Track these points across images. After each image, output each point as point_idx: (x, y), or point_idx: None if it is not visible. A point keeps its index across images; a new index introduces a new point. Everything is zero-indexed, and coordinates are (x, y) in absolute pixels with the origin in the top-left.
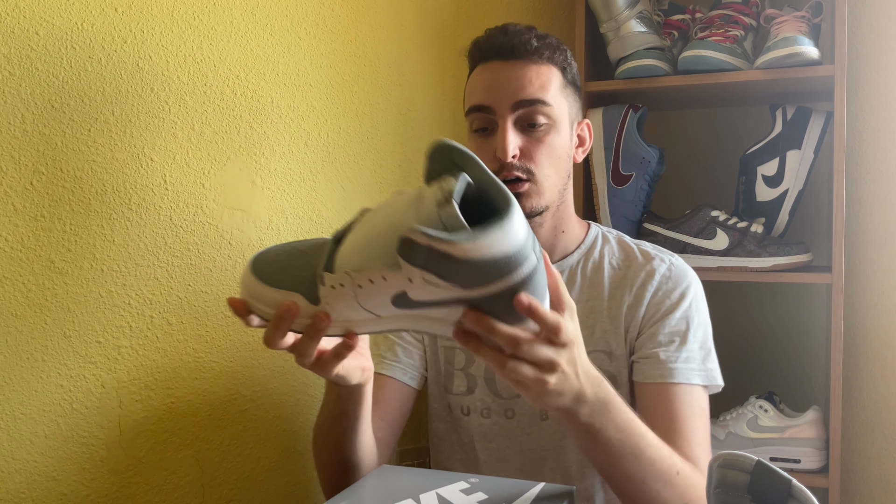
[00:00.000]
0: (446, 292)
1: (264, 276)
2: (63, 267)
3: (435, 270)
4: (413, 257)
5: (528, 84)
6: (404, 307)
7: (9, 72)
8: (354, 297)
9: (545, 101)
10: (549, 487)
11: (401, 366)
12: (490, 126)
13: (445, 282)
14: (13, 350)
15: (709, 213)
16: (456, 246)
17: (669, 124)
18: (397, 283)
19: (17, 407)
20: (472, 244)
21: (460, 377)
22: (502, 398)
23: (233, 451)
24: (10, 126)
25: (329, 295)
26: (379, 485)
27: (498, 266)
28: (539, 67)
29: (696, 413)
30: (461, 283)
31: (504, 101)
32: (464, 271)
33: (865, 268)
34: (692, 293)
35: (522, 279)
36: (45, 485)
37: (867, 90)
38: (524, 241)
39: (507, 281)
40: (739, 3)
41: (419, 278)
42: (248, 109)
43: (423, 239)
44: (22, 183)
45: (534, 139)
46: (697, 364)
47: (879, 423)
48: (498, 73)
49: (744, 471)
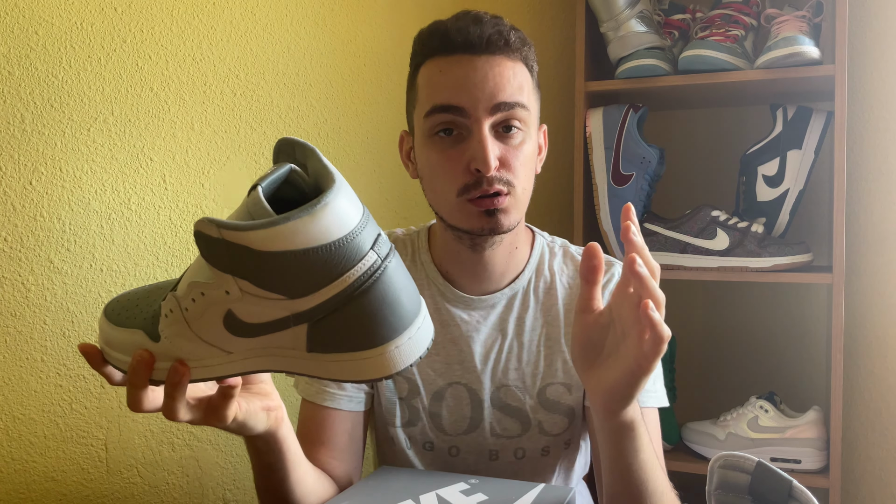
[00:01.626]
0: (273, 306)
1: (113, 316)
2: (62, 267)
3: (246, 274)
4: (216, 258)
5: (507, 84)
6: (242, 334)
7: (8, 71)
8: (187, 326)
9: (524, 105)
10: (548, 489)
11: (343, 393)
12: (458, 130)
13: (264, 290)
14: (13, 350)
15: (709, 213)
16: (250, 235)
17: (670, 124)
18: (217, 297)
19: (17, 407)
20: (270, 231)
21: (402, 407)
22: (447, 434)
23: (233, 451)
24: (10, 126)
25: (166, 327)
26: (379, 485)
27: (319, 262)
28: (514, 65)
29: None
30: (282, 291)
31: (481, 103)
32: (277, 272)
33: (865, 268)
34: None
35: (362, 281)
36: (45, 485)
37: (868, 90)
38: (354, 232)
39: (339, 284)
40: (740, 3)
41: (235, 288)
42: (248, 109)
43: (212, 229)
44: (21, 182)
45: (511, 147)
46: (650, 385)
47: (880, 423)
48: (471, 69)
49: (744, 471)
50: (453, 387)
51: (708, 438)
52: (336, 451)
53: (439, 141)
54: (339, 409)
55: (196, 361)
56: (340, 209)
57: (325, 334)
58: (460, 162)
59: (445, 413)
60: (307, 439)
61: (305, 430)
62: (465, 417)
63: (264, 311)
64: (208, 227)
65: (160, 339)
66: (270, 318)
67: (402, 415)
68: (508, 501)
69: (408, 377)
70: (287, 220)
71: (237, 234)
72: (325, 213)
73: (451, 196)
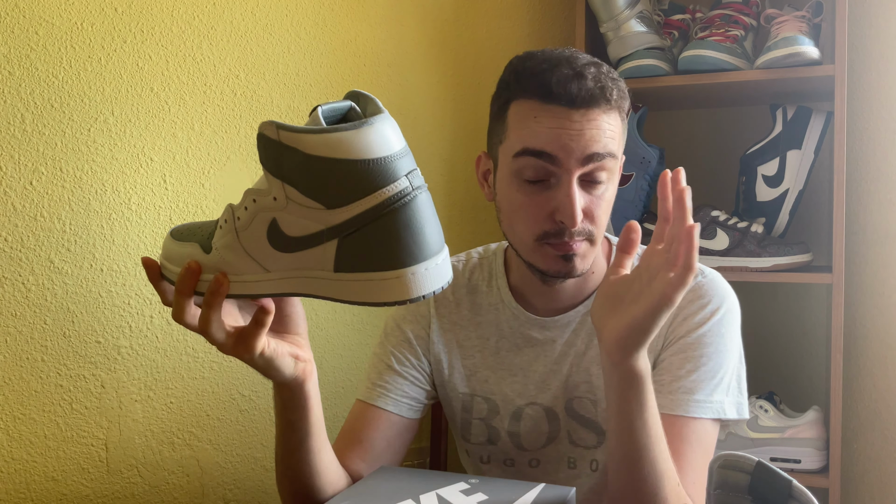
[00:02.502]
0: (312, 215)
1: (177, 233)
2: (63, 267)
3: (294, 180)
4: (272, 162)
5: (601, 136)
6: (281, 248)
7: (9, 71)
8: (237, 237)
9: (614, 154)
10: (548, 488)
11: (392, 395)
12: (547, 177)
13: (306, 196)
14: (13, 350)
15: (709, 213)
16: (305, 137)
17: (670, 124)
18: (266, 203)
19: (17, 407)
20: (322, 137)
21: (479, 427)
22: (526, 450)
23: (233, 451)
24: (10, 126)
25: (218, 238)
26: (379, 485)
27: (358, 174)
28: (609, 117)
29: (694, 449)
30: (322, 199)
31: (575, 154)
32: (321, 178)
33: (865, 268)
34: (718, 316)
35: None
36: (45, 485)
37: (867, 90)
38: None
39: (372, 199)
40: (740, 3)
41: (283, 194)
42: (248, 109)
43: (272, 130)
44: (21, 183)
45: (596, 197)
46: (704, 395)
47: (879, 423)
48: (567, 121)
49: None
50: (530, 406)
51: None
52: (368, 454)
53: (526, 185)
54: (389, 412)
55: (236, 276)
56: (384, 133)
57: (352, 250)
58: (544, 209)
59: (524, 432)
60: (345, 436)
61: (348, 426)
62: (542, 433)
63: (303, 221)
64: (269, 128)
65: (211, 250)
66: (307, 231)
67: (480, 433)
68: (508, 501)
69: (487, 398)
70: (336, 131)
71: (293, 135)
72: (370, 131)
73: (529, 238)
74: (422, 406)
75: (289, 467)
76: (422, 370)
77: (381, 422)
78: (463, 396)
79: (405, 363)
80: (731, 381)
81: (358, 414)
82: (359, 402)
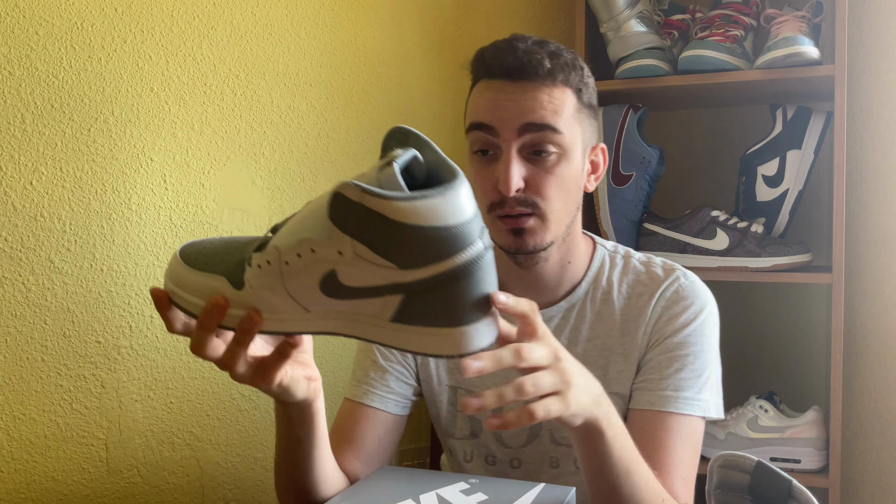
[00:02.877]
0: (379, 273)
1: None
2: (63, 267)
3: (368, 239)
4: (344, 219)
5: (538, 107)
6: (333, 295)
7: (9, 72)
8: (280, 280)
9: (556, 128)
10: (548, 488)
11: (378, 392)
12: (492, 150)
13: (378, 255)
14: (13, 350)
15: (709, 213)
16: (391, 204)
17: (669, 124)
18: (327, 256)
19: (17, 407)
20: (408, 204)
21: (463, 420)
22: (508, 447)
23: (233, 451)
24: (10, 126)
25: (254, 277)
26: (379, 485)
27: (438, 240)
28: (552, 90)
29: (684, 444)
30: (396, 260)
31: (509, 123)
32: (399, 242)
33: (865, 268)
34: (701, 318)
35: (466, 265)
36: (45, 485)
37: (867, 90)
38: (469, 220)
39: (448, 263)
40: (739, 3)
41: (350, 250)
42: (248, 109)
43: (354, 193)
44: (21, 183)
45: (541, 169)
46: (692, 393)
47: (879, 423)
48: (504, 93)
49: (744, 471)
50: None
51: (708, 438)
52: (361, 452)
53: (477, 159)
54: (378, 409)
55: (271, 314)
56: (464, 196)
57: (418, 306)
58: (490, 179)
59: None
60: (336, 436)
61: (338, 426)
62: (523, 429)
63: (368, 276)
64: (351, 190)
65: (243, 286)
66: (370, 283)
67: (463, 427)
68: (508, 501)
69: (469, 390)
70: (425, 198)
71: (378, 201)
72: (455, 196)
73: (484, 211)
74: (409, 403)
75: (293, 479)
76: (406, 365)
77: (370, 419)
78: (448, 389)
79: (390, 358)
80: (715, 381)
81: (347, 413)
82: (346, 400)
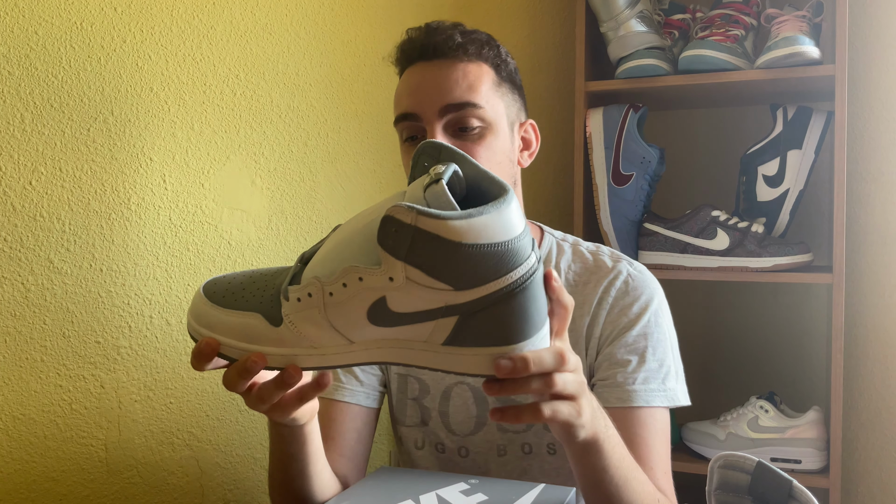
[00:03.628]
0: (433, 296)
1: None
2: (62, 267)
3: (421, 262)
4: (396, 244)
5: (454, 86)
6: (381, 323)
7: (8, 71)
8: (323, 313)
9: (475, 104)
10: (548, 488)
11: (347, 386)
12: (419, 134)
13: (433, 278)
14: (12, 350)
15: (709, 213)
16: (447, 224)
17: (670, 124)
18: (376, 283)
19: (17, 407)
20: (465, 222)
21: (412, 407)
22: (456, 435)
23: (233, 451)
24: (10, 126)
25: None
26: (379, 485)
27: (495, 258)
28: (466, 66)
29: (659, 437)
30: (452, 282)
31: (429, 107)
32: (455, 262)
33: (865, 268)
34: (653, 307)
35: (521, 280)
36: (45, 485)
37: (867, 90)
38: (522, 235)
39: (504, 280)
40: (740, 3)
41: (402, 275)
42: (248, 109)
43: (408, 216)
44: (21, 182)
45: (469, 143)
46: (657, 384)
47: (879, 423)
48: (422, 77)
49: (744, 471)
50: (458, 386)
51: (708, 438)
52: (343, 449)
53: (408, 147)
54: (352, 404)
55: (312, 349)
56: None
57: (473, 327)
58: None
59: (452, 412)
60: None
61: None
62: (471, 417)
63: (420, 300)
64: (405, 213)
65: (281, 322)
66: (422, 308)
67: (413, 414)
68: (508, 501)
69: (418, 377)
70: (481, 214)
71: (434, 222)
72: (508, 211)
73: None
74: (377, 394)
75: (289, 491)
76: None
77: (345, 415)
78: (398, 378)
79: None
80: (675, 368)
81: (322, 413)
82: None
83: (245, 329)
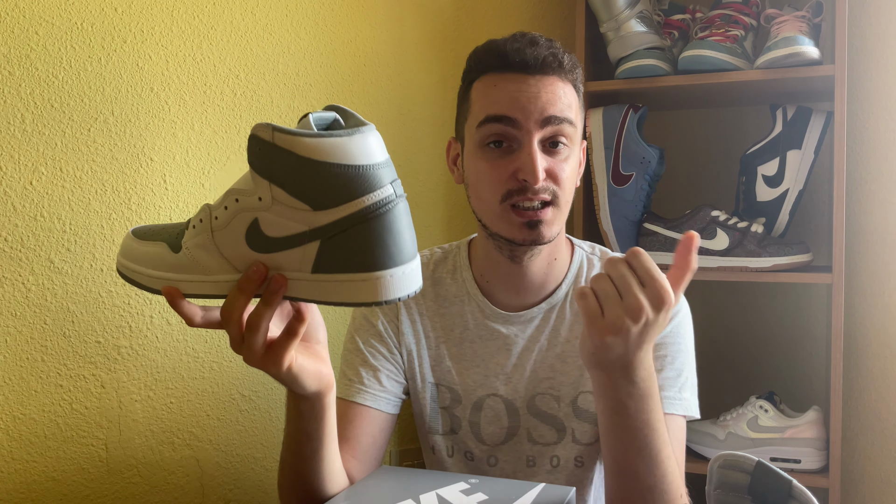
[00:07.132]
0: (296, 217)
1: (140, 234)
2: (63, 267)
3: (283, 181)
4: (261, 163)
5: (557, 100)
6: (258, 249)
7: (8, 71)
8: (211, 237)
9: (572, 121)
10: (548, 488)
11: (370, 391)
12: (507, 141)
13: (293, 196)
14: (13, 350)
15: (709, 213)
16: (300, 140)
17: (670, 124)
18: (249, 204)
19: (17, 407)
20: (317, 141)
21: (444, 416)
22: (485, 445)
23: (233, 451)
24: (10, 126)
25: (189, 238)
26: (379, 485)
27: (347, 178)
28: (565, 86)
29: (677, 444)
30: (309, 200)
31: (533, 115)
32: (309, 179)
33: (865, 268)
34: (677, 319)
35: (375, 207)
36: (45, 485)
37: (867, 90)
38: (379, 164)
39: (358, 203)
40: (740, 3)
41: (269, 195)
42: (248, 109)
43: (266, 133)
44: (21, 183)
45: (558, 160)
46: (674, 392)
47: (879, 423)
48: (524, 85)
49: (744, 471)
50: (491, 398)
51: (708, 438)
52: (357, 450)
53: (489, 151)
54: (370, 407)
55: (206, 276)
56: (372, 143)
57: (334, 251)
58: (507, 170)
59: (484, 423)
60: None
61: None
62: (502, 428)
63: (286, 222)
64: (264, 130)
65: (180, 249)
66: (289, 231)
67: (444, 423)
68: (508, 501)
69: (450, 387)
70: (331, 136)
71: (289, 138)
72: (360, 139)
73: (494, 203)
74: (399, 401)
75: (299, 474)
76: (395, 362)
77: (364, 418)
78: (430, 386)
79: (378, 357)
80: (692, 381)
81: (341, 412)
82: (339, 399)
83: (151, 257)
